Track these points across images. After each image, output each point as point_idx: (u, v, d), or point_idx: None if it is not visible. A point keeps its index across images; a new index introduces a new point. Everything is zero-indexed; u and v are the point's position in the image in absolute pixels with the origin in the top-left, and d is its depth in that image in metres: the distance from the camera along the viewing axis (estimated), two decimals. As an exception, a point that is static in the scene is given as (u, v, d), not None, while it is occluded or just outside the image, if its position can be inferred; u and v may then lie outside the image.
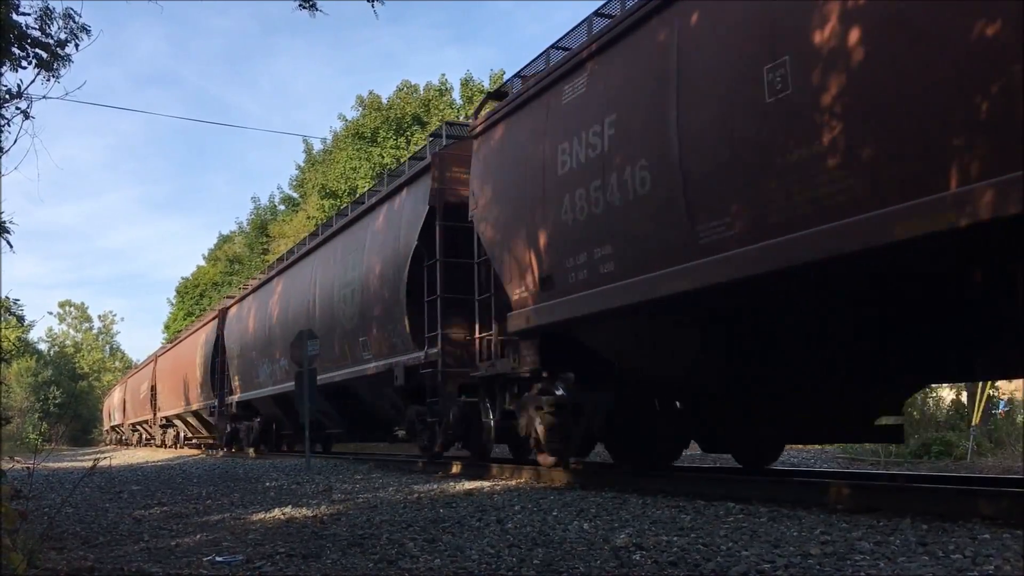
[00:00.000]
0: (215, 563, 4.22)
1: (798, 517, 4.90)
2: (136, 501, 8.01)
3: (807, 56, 4.88)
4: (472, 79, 30.57)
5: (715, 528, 4.66)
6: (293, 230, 33.69)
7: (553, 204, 7.28)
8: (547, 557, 4.05)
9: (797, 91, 4.93)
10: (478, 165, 8.92)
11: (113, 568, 4.07)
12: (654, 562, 3.79)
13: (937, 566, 3.34)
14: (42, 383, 61.93)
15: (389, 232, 11.51)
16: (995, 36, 3.98)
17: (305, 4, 6.38)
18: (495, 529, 5.06)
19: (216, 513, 6.69)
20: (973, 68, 4.11)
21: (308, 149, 37.05)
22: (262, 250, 40.50)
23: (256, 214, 44.53)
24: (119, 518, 6.51)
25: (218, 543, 4.92)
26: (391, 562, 4.10)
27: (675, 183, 5.87)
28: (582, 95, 7.05)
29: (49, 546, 4.70)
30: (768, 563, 3.59)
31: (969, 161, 4.10)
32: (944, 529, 4.18)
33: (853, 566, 3.45)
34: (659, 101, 6.04)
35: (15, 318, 13.15)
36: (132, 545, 4.99)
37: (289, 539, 4.95)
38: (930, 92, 4.27)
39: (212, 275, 47.57)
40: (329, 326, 13.29)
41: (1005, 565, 3.28)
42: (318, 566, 4.05)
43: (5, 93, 6.49)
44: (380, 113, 30.10)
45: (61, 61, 6.51)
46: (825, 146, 4.76)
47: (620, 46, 6.65)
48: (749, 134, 5.28)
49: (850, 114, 4.65)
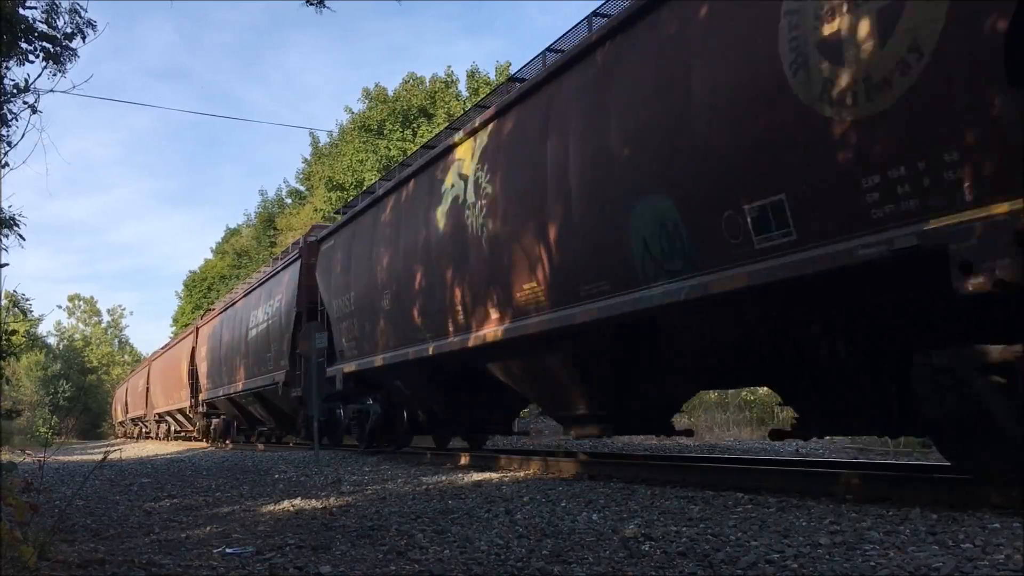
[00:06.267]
0: (225, 555, 4.23)
1: (807, 507, 4.89)
2: (146, 494, 8.05)
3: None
4: (478, 71, 30.50)
5: (724, 518, 4.65)
6: (300, 223, 33.71)
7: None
8: (556, 548, 4.05)
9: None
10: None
11: (124, 560, 4.08)
12: (663, 552, 3.79)
13: (947, 555, 3.34)
14: (51, 377, 62.20)
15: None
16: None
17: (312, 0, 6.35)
18: (504, 520, 5.07)
19: (226, 505, 6.71)
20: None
21: (314, 142, 37.09)
22: (269, 243, 40.56)
23: (263, 207, 44.63)
24: (129, 511, 6.54)
25: (228, 535, 4.94)
26: (400, 553, 4.11)
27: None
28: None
29: (60, 539, 4.72)
30: (777, 553, 3.59)
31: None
32: (954, 518, 4.17)
33: (863, 556, 3.44)
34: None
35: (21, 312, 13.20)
36: (142, 537, 5.02)
37: (299, 531, 4.97)
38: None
39: (220, 268, 47.65)
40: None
41: (1015, 554, 3.27)
42: (328, 557, 4.06)
43: (12, 87, 6.50)
44: (386, 105, 30.04)
45: (68, 55, 6.51)
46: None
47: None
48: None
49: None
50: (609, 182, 6.34)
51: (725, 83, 5.21)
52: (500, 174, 7.95)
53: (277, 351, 15.89)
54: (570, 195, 6.79)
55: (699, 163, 5.44)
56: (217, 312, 23.15)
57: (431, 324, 9.50)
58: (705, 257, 5.54)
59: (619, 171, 6.21)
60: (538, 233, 7.24)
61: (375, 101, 30.74)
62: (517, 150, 7.72)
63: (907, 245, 4.17)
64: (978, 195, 3.91)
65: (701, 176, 5.45)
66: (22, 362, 55.49)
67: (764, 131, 4.94)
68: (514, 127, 7.91)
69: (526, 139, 7.57)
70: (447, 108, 28.78)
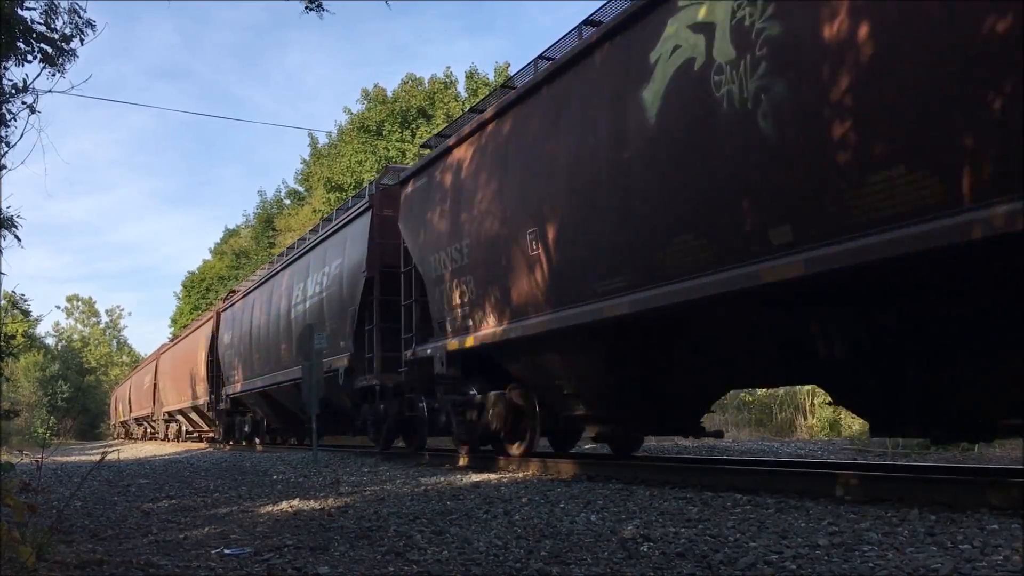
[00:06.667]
0: (224, 556, 4.22)
1: (805, 508, 4.89)
2: (144, 494, 8.04)
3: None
4: (477, 72, 30.51)
5: (722, 519, 4.65)
6: (299, 223, 33.72)
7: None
8: (555, 549, 4.05)
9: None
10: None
11: (122, 561, 4.08)
12: (662, 553, 3.79)
13: (946, 556, 3.34)
14: (50, 377, 62.14)
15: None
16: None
17: (311, 6, 6.32)
18: (502, 521, 5.06)
19: (224, 506, 6.71)
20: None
21: (313, 143, 37.10)
22: (268, 243, 40.55)
23: (262, 208, 44.63)
24: (127, 511, 6.54)
25: (226, 536, 4.94)
26: (399, 554, 4.10)
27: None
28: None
29: (58, 539, 4.71)
30: (776, 554, 3.59)
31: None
32: (952, 519, 4.17)
33: (861, 557, 3.44)
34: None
35: (21, 313, 13.16)
36: (141, 538, 5.01)
37: (297, 531, 4.96)
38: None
39: (218, 269, 47.64)
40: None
41: (1014, 555, 3.27)
42: (326, 558, 4.06)
43: (11, 88, 6.50)
44: (385, 106, 30.06)
45: (66, 56, 6.50)
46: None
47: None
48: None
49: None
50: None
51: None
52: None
53: (336, 329, 12.72)
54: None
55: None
56: (244, 292, 19.97)
57: (624, 264, 6.51)
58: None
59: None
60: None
61: (374, 102, 30.77)
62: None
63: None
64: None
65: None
66: (20, 363, 55.42)
67: None
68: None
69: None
70: (446, 109, 28.79)
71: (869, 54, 4.53)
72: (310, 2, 6.19)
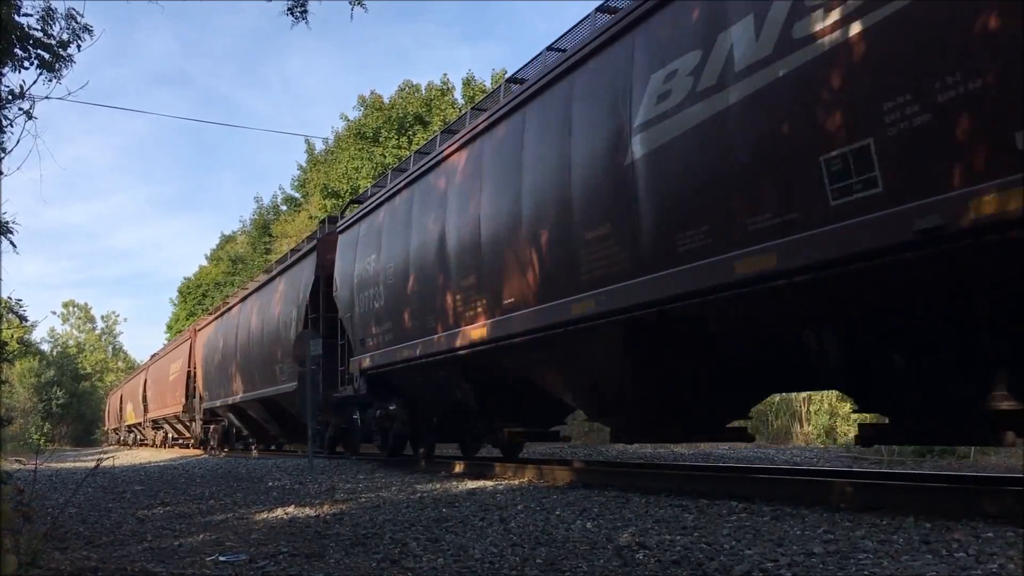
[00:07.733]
0: (219, 563, 4.22)
1: (801, 516, 4.89)
2: (139, 501, 8.01)
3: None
4: (474, 79, 30.56)
5: (718, 527, 4.65)
6: (295, 230, 33.70)
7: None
8: (550, 556, 4.05)
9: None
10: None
11: (117, 568, 4.07)
12: (657, 561, 3.79)
13: (940, 564, 3.34)
14: (45, 383, 61.94)
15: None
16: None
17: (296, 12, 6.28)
18: (498, 528, 5.06)
19: (219, 513, 6.69)
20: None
21: (310, 149, 37.10)
22: (264, 250, 40.52)
23: (259, 214, 44.59)
24: (122, 518, 6.52)
25: (221, 543, 4.93)
26: (394, 561, 4.10)
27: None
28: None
29: (53, 546, 4.70)
30: (771, 562, 3.59)
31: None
32: (948, 527, 4.17)
33: (857, 564, 3.45)
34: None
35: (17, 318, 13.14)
36: (135, 545, 5.00)
37: (292, 538, 4.96)
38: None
39: (215, 275, 47.52)
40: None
41: (1009, 563, 3.28)
42: (321, 565, 4.05)
43: (7, 94, 6.49)
44: (382, 113, 30.09)
45: (63, 62, 6.50)
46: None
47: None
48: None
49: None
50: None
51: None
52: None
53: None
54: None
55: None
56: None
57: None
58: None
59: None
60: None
61: (371, 108, 30.79)
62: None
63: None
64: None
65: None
66: (15, 368, 55.26)
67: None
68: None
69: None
70: (443, 115, 28.82)
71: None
72: (292, 7, 6.18)
